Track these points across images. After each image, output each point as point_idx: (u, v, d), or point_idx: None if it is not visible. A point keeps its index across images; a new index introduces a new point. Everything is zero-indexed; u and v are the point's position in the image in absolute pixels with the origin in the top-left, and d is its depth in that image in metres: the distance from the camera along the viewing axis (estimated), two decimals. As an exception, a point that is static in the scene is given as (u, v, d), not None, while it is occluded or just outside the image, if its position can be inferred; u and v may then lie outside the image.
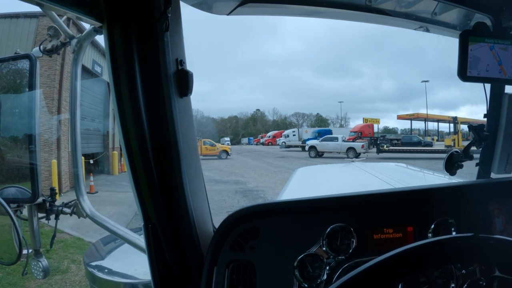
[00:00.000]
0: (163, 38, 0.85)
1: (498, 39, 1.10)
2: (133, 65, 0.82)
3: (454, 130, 18.78)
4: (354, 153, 16.20)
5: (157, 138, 0.86)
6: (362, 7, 1.16)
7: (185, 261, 0.96)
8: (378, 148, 16.86)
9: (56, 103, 8.65)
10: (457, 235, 1.04)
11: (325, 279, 0.97)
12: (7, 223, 1.11)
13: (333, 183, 2.92)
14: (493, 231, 1.11)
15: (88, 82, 10.30)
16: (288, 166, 13.64)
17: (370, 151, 16.71)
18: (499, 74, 1.11)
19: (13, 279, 4.10)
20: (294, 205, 1.08)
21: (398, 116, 29.88)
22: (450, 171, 1.23)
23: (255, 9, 1.11)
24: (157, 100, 0.86)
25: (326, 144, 17.92)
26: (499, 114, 1.26)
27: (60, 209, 1.23)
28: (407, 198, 1.13)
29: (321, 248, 1.00)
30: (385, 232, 1.04)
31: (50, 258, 4.66)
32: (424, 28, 1.29)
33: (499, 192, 1.17)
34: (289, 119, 43.11)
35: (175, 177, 0.90)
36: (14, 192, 1.21)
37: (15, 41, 8.35)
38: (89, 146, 11.21)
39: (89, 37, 1.15)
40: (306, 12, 1.16)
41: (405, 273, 0.66)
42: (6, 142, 1.36)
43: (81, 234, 5.68)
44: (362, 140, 17.49)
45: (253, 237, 1.01)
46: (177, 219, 0.93)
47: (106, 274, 1.38)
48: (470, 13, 1.23)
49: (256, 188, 9.87)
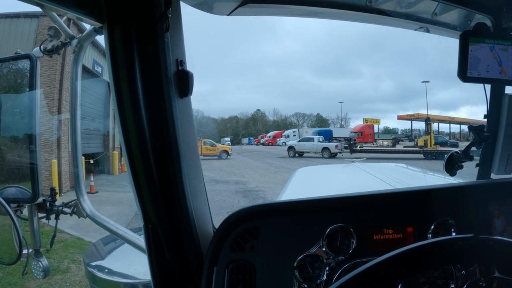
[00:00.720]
0: (164, 39, 0.85)
1: (498, 40, 1.10)
2: (134, 66, 0.82)
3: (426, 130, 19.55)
4: (329, 153, 17.41)
5: (157, 138, 0.87)
6: (363, 7, 1.16)
7: (185, 261, 0.96)
8: (351, 148, 18.00)
9: (56, 103, 8.66)
10: (457, 235, 1.04)
11: (324, 280, 0.97)
12: (7, 223, 1.11)
13: (333, 183, 2.91)
14: (493, 232, 1.11)
15: (89, 82, 10.30)
16: (288, 167, 13.64)
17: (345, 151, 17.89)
18: (499, 75, 1.11)
19: (13, 278, 4.11)
20: (294, 205, 1.08)
21: (399, 116, 29.87)
22: (450, 172, 1.23)
23: (255, 10, 1.11)
24: (157, 100, 0.86)
25: (303, 144, 19.12)
26: (499, 114, 1.26)
27: (60, 209, 1.23)
28: (407, 199, 1.13)
29: (321, 249, 1.00)
30: (385, 233, 1.04)
31: (50, 258, 4.66)
32: (425, 29, 1.29)
33: (499, 193, 1.17)
34: (289, 119, 43.10)
35: (175, 177, 0.90)
36: (14, 192, 1.21)
37: (16, 41, 8.36)
38: (89, 146, 11.21)
39: (89, 37, 1.15)
40: (307, 13, 1.16)
41: (405, 274, 0.66)
42: (6, 142, 1.36)
43: (81, 234, 5.68)
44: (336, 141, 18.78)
45: (253, 237, 1.02)
46: (177, 219, 0.93)
47: (106, 274, 1.38)
48: (471, 14, 1.23)
49: (256, 188, 9.86)
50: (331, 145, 17.92)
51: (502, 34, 1.13)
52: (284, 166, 14.53)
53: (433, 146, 17.69)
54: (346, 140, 19.12)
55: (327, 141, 18.82)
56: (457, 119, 26.34)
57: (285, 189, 2.60)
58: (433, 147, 17.75)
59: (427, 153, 16.51)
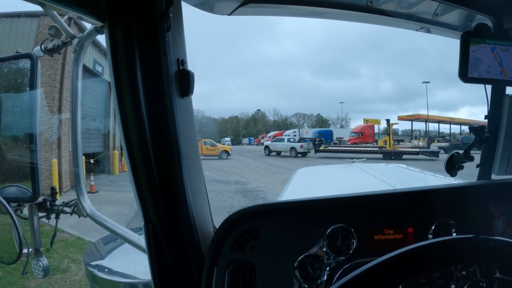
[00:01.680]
0: (165, 38, 0.85)
1: (499, 40, 1.10)
2: (134, 65, 0.82)
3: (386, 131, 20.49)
4: (295, 152, 19.01)
5: (158, 138, 0.86)
6: (364, 8, 1.16)
7: (185, 261, 0.96)
8: (316, 148, 19.55)
9: (57, 103, 8.67)
10: (457, 236, 1.04)
11: (325, 280, 0.97)
12: (8, 222, 1.11)
13: (334, 183, 2.91)
14: (493, 233, 1.11)
15: (89, 81, 10.32)
16: (288, 167, 13.63)
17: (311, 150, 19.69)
18: (500, 75, 1.11)
19: (13, 278, 4.11)
20: (295, 206, 1.08)
21: (399, 117, 29.86)
22: (451, 172, 1.23)
23: (256, 10, 1.10)
24: (158, 100, 0.86)
25: (276, 144, 21.13)
26: (500, 115, 1.26)
27: (61, 208, 1.23)
28: (407, 199, 1.13)
29: (321, 249, 1.00)
30: (385, 233, 1.04)
31: (50, 258, 4.66)
32: (426, 29, 1.29)
33: (500, 194, 1.17)
34: (289, 120, 43.01)
35: (175, 177, 0.89)
36: (14, 191, 1.21)
37: (16, 40, 8.37)
38: (89, 145, 11.22)
39: (90, 36, 1.15)
40: (308, 13, 1.16)
41: (405, 274, 0.66)
42: (7, 141, 1.36)
43: (82, 233, 5.68)
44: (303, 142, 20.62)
45: (253, 238, 1.01)
46: (178, 219, 0.92)
47: (106, 273, 1.38)
48: (471, 14, 1.23)
49: (256, 189, 9.86)
50: (297, 145, 19.62)
51: (503, 35, 1.13)
52: (285, 166, 14.54)
53: (392, 147, 18.79)
54: (312, 141, 20.95)
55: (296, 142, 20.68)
56: (458, 119, 26.31)
57: (285, 189, 2.60)
58: (392, 147, 18.75)
59: (385, 153, 17.39)
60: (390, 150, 18.00)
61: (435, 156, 15.80)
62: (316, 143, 20.17)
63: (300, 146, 19.30)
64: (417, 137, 22.39)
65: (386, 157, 16.60)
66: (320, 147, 19.65)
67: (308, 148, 19.42)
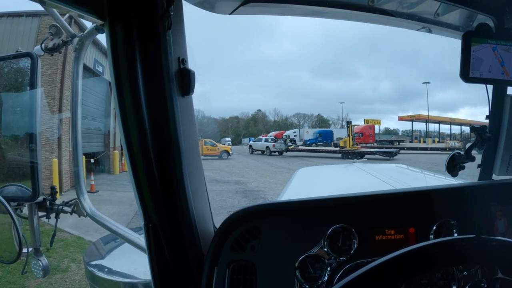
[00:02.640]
0: (165, 37, 0.84)
1: (500, 40, 1.09)
2: (135, 64, 0.82)
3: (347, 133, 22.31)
4: (269, 151, 22.28)
5: (158, 138, 0.86)
6: (365, 7, 1.16)
7: (185, 261, 0.96)
8: (286, 148, 22.52)
9: (57, 102, 8.68)
10: (459, 236, 1.03)
11: (326, 280, 0.96)
12: (7, 222, 1.10)
13: (334, 183, 2.91)
14: (495, 233, 1.11)
15: (90, 81, 10.32)
16: (289, 167, 13.65)
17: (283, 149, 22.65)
18: (501, 75, 1.10)
19: (13, 277, 4.11)
20: (295, 206, 1.08)
21: (399, 117, 29.92)
22: (452, 173, 1.23)
23: (257, 9, 1.10)
24: (159, 99, 0.85)
25: (256, 143, 24.95)
26: (501, 115, 1.26)
27: (61, 208, 1.23)
28: (409, 199, 1.12)
29: (322, 249, 1.00)
30: (386, 233, 1.03)
31: (50, 257, 4.66)
32: (427, 29, 1.29)
33: (501, 194, 1.16)
34: (290, 120, 43.11)
35: (176, 176, 0.89)
36: (14, 190, 1.21)
37: (17, 39, 8.38)
38: (90, 145, 11.23)
39: (90, 35, 1.15)
40: (309, 12, 1.16)
41: (407, 275, 0.65)
42: (7, 140, 1.36)
43: (81, 233, 5.68)
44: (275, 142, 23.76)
45: (254, 238, 1.01)
46: (178, 219, 0.92)
47: (106, 273, 1.38)
48: (473, 14, 1.22)
49: (256, 189, 9.86)
50: (270, 145, 23.04)
51: (505, 35, 1.13)
52: (285, 166, 14.56)
53: (350, 147, 20.62)
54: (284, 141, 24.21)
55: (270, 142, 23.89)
56: (458, 120, 26.35)
57: (285, 189, 2.60)
58: (351, 147, 20.61)
59: (344, 152, 19.05)
60: (349, 150, 19.62)
61: (389, 156, 17.25)
62: (286, 143, 23.47)
63: (273, 145, 22.62)
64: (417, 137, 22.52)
65: (344, 157, 17.83)
66: (290, 147, 22.98)
67: (281, 148, 22.43)
